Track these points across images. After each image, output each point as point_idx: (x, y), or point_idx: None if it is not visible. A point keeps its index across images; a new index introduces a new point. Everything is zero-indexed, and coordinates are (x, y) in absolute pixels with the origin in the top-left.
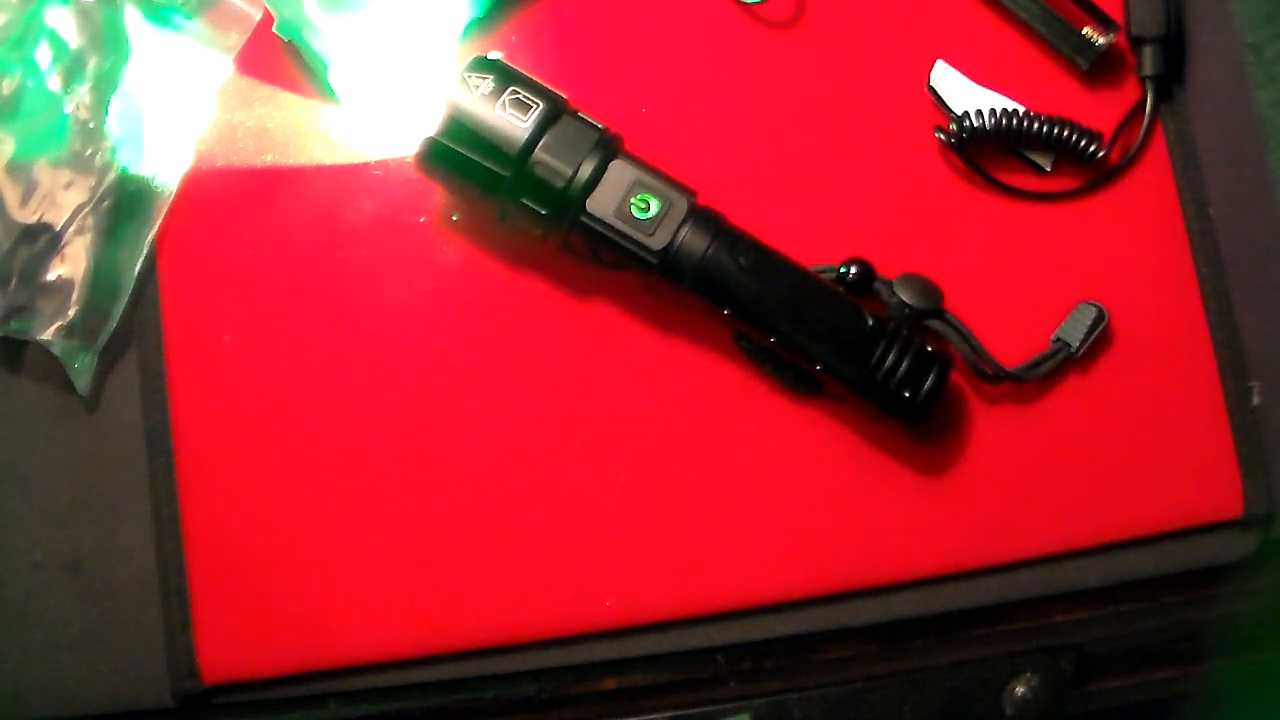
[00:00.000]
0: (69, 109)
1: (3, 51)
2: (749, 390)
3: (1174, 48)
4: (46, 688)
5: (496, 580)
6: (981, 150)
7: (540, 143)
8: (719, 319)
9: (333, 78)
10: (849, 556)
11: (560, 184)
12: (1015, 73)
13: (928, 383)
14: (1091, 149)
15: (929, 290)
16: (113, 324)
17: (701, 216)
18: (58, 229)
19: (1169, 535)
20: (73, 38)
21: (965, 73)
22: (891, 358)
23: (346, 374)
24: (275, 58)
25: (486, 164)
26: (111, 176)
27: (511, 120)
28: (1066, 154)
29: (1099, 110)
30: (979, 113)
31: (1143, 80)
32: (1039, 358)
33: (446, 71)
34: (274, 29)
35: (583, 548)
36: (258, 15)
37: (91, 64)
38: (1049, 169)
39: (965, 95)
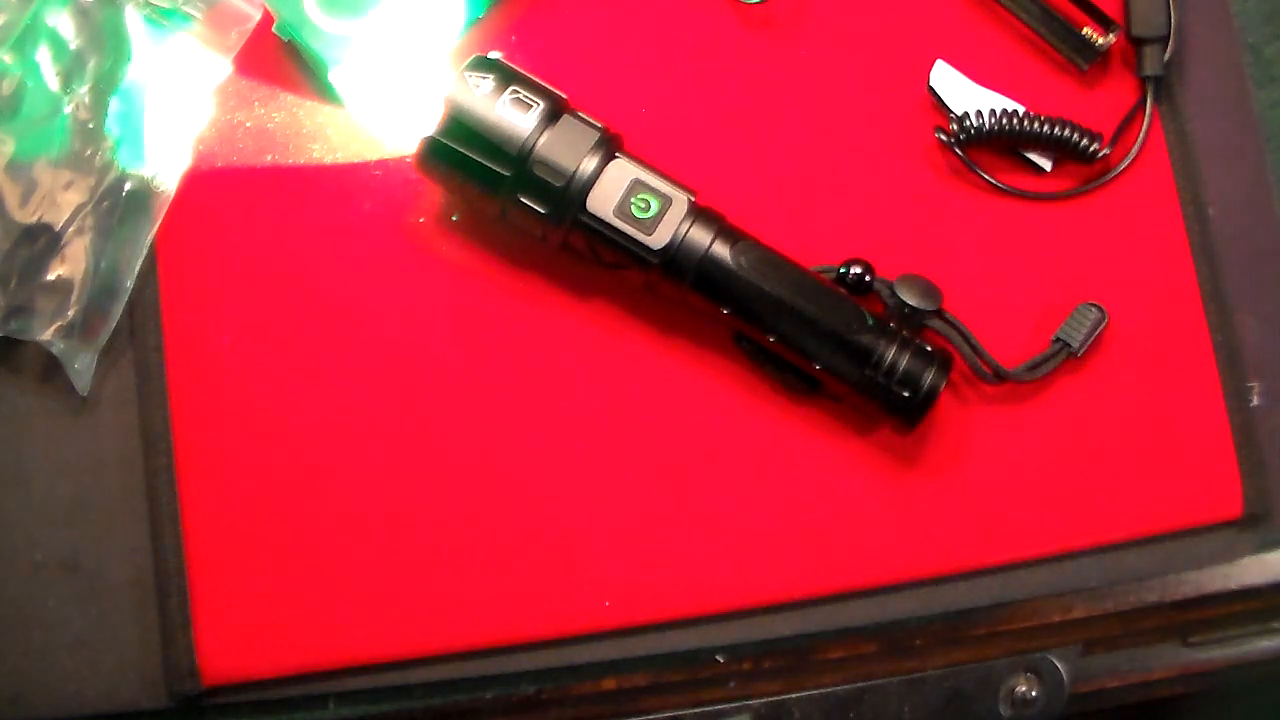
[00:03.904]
0: (69, 109)
1: (3, 51)
2: (749, 390)
3: (1174, 48)
4: (46, 688)
5: (496, 580)
6: (981, 150)
7: (540, 142)
8: (719, 319)
9: (333, 78)
10: (849, 556)
11: (560, 183)
12: (1015, 73)
13: (927, 382)
14: (1091, 149)
15: (929, 290)
16: (113, 324)
17: (701, 216)
18: (58, 229)
19: (1169, 535)
20: (73, 38)
21: (965, 73)
22: (891, 357)
23: (346, 374)
24: (275, 58)
25: (486, 163)
26: (111, 176)
27: (512, 119)
28: (1066, 154)
29: (1099, 110)
30: (979, 113)
31: (1143, 80)
32: (1039, 358)
33: (446, 71)
34: (274, 29)
35: (583, 548)
36: (258, 15)
37: (91, 64)
38: (1049, 169)
39: (965, 95)
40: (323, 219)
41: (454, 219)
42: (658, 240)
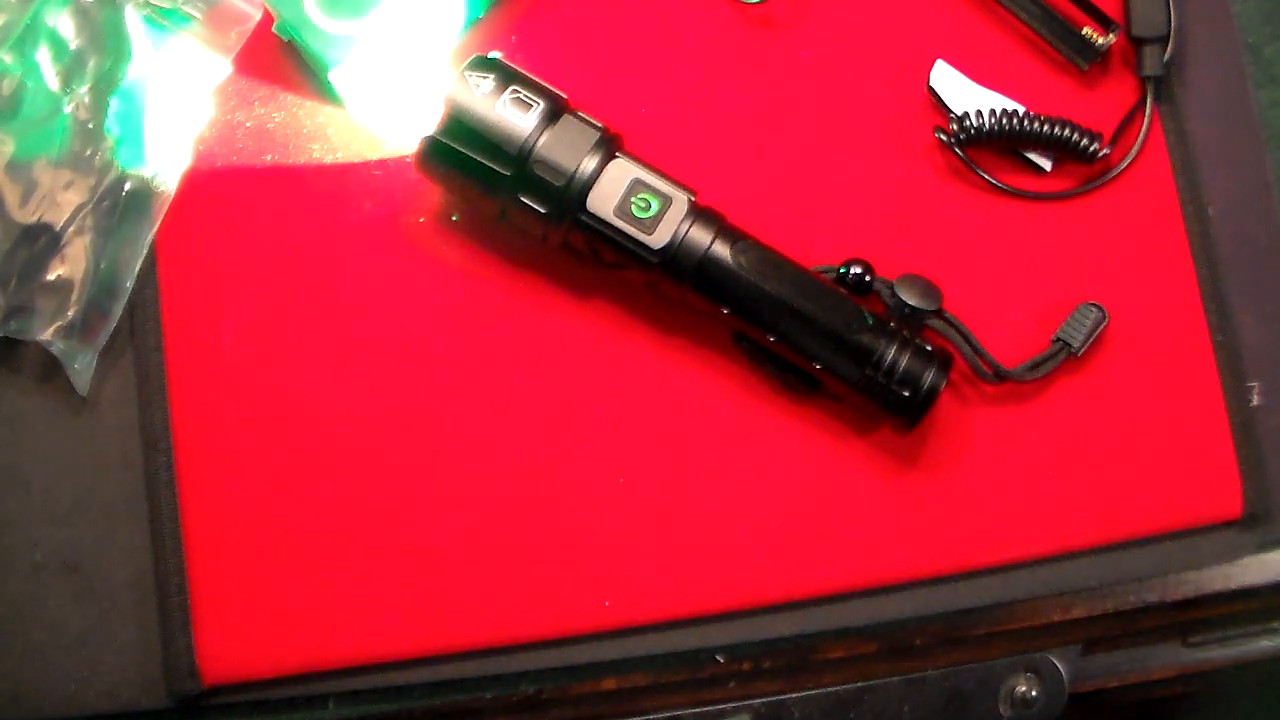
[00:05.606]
0: (69, 109)
1: (3, 51)
2: (749, 390)
3: (1174, 48)
4: (46, 688)
5: (496, 580)
6: (981, 150)
7: (540, 141)
8: (719, 319)
9: (333, 78)
10: (849, 556)
11: (561, 183)
12: (1015, 73)
13: (927, 382)
14: (1091, 149)
15: (929, 290)
16: (113, 324)
17: (701, 216)
18: (58, 229)
19: (1169, 535)
20: (73, 38)
21: (965, 73)
22: (891, 357)
23: (346, 374)
24: (275, 58)
25: (487, 163)
26: (111, 176)
27: (512, 119)
28: (1066, 154)
29: (1099, 110)
30: (979, 113)
31: (1143, 80)
32: (1039, 358)
33: (446, 71)
34: (274, 29)
35: (582, 548)
36: (258, 15)
37: (91, 64)
38: (1049, 169)
39: (965, 95)
40: (323, 219)
41: (454, 219)
42: (658, 240)
